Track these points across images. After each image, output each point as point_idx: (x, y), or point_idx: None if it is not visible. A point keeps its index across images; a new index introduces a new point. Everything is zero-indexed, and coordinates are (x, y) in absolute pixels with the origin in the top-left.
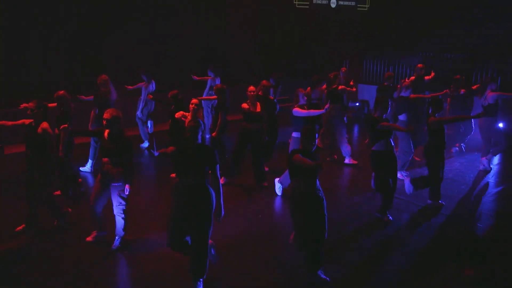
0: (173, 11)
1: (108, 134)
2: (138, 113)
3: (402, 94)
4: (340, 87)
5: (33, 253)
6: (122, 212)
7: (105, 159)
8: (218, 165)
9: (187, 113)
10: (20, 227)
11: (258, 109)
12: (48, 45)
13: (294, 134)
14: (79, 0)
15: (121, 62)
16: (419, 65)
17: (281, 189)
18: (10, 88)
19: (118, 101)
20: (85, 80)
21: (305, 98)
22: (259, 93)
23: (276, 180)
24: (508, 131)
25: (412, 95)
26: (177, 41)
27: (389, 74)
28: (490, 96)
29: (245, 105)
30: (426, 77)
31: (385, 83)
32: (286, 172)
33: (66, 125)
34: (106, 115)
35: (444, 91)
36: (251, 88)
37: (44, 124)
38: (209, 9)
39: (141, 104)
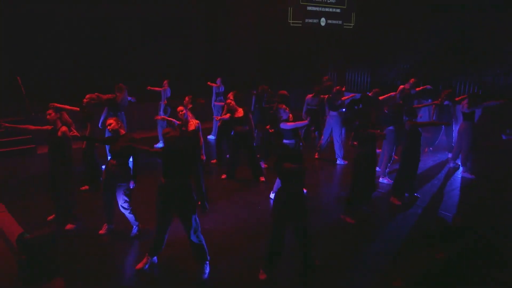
0: (186, 29)
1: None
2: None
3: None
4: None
5: (67, 237)
6: (128, 207)
7: (113, 161)
8: (199, 164)
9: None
10: (51, 217)
11: (240, 114)
12: (67, 55)
13: (285, 141)
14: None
15: (135, 69)
16: (412, 80)
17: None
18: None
19: (140, 105)
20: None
21: (287, 111)
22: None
23: (271, 195)
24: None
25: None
26: (188, 51)
27: (377, 91)
28: (467, 106)
29: (225, 116)
30: (417, 89)
31: (370, 94)
32: (277, 182)
33: (75, 133)
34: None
35: (436, 102)
36: (230, 101)
37: (63, 128)
38: (216, 25)
39: (162, 107)
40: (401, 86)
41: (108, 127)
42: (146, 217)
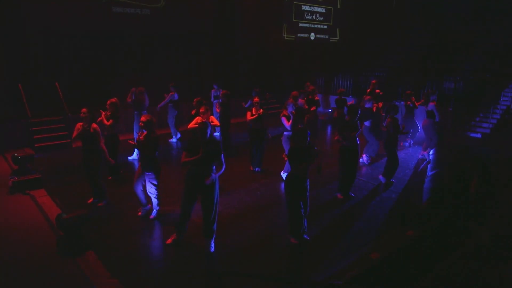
0: (196, 40)
1: (143, 134)
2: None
3: (366, 106)
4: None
5: (98, 218)
6: (154, 191)
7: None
8: (222, 154)
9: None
10: (90, 200)
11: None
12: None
13: (286, 133)
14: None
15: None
16: (373, 81)
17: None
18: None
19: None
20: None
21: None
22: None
23: (281, 172)
24: (439, 131)
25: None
26: (197, 60)
27: (341, 90)
28: (431, 105)
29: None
30: (377, 91)
31: (340, 97)
32: (286, 163)
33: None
34: (143, 119)
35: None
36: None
37: (94, 125)
38: (222, 38)
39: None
40: (373, 81)
41: (140, 123)
42: (172, 200)
